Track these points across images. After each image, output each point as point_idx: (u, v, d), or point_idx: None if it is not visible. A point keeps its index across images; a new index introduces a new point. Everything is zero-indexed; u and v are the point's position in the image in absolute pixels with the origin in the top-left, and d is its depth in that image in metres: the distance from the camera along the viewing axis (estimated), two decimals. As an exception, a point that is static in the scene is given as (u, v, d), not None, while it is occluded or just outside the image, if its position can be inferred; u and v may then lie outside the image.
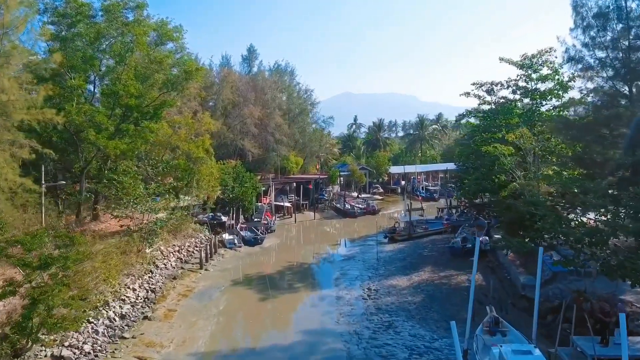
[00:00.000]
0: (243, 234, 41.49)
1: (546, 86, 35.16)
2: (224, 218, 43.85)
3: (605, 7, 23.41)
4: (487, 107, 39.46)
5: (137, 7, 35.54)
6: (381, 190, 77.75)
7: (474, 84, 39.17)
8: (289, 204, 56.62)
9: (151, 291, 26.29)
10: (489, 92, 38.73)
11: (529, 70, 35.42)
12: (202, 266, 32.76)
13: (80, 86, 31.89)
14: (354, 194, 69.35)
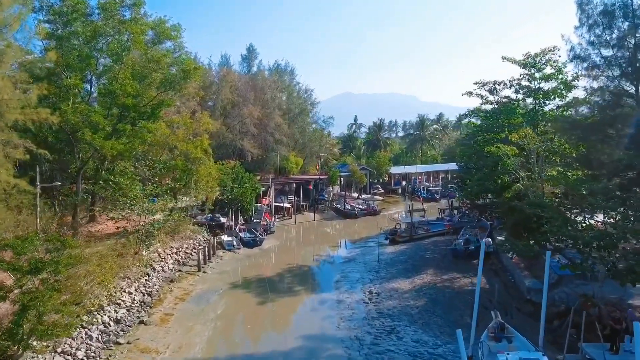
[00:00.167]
0: (242, 236, 40.94)
1: (550, 85, 34.82)
2: (223, 219, 43.25)
3: (611, 5, 23.09)
4: (490, 107, 39.10)
5: (134, 5, 35.02)
6: (382, 190, 77.24)
7: (477, 84, 38.95)
8: (289, 205, 56.06)
9: (147, 294, 25.74)
10: (492, 92, 38.41)
11: (532, 69, 35.03)
12: (200, 268, 32.24)
13: (76, 85, 31.36)
14: (355, 195, 68.88)
